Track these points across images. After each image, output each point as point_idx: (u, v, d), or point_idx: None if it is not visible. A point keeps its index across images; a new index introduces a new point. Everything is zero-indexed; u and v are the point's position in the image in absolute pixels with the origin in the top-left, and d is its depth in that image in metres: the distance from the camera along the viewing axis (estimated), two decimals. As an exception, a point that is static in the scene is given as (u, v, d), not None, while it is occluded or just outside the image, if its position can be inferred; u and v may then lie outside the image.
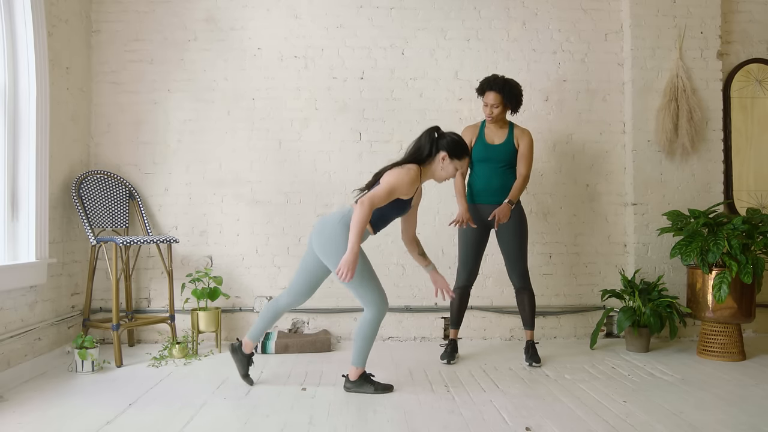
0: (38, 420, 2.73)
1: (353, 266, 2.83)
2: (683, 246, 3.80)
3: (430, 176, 3.12)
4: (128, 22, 4.35)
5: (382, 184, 2.95)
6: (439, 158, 3.05)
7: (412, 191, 3.02)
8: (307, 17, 4.43)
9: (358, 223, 2.84)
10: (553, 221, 4.49)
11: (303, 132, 4.42)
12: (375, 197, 2.90)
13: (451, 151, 3.05)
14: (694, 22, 4.42)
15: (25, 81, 3.48)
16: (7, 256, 3.43)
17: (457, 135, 3.12)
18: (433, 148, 3.05)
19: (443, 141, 3.05)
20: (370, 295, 3.03)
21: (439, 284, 3.26)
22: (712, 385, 3.25)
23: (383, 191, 2.92)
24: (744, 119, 4.53)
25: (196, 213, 4.37)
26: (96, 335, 4.05)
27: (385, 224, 3.12)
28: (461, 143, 3.08)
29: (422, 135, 3.10)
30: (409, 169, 2.99)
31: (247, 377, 3.27)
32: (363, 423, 2.71)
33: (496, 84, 3.66)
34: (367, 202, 2.87)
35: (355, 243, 2.84)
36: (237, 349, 3.26)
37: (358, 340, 3.10)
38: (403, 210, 3.09)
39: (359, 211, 2.85)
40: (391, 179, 2.95)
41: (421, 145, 3.07)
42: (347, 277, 2.82)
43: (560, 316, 4.47)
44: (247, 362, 3.26)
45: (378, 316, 3.06)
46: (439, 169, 3.08)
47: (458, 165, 3.08)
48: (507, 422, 2.70)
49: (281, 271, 4.38)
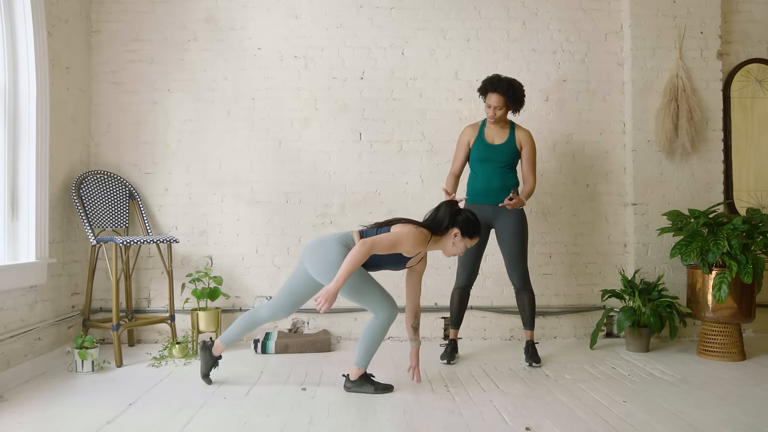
0: (38, 420, 2.73)
1: (332, 299, 2.85)
2: (683, 246, 3.80)
3: (439, 247, 3.15)
4: (128, 22, 4.35)
5: (391, 233, 2.99)
6: (451, 234, 3.09)
7: (415, 252, 3.04)
8: (307, 17, 4.43)
9: (353, 262, 2.87)
10: (553, 221, 4.49)
11: (303, 132, 4.42)
12: (377, 243, 2.92)
13: (464, 230, 3.09)
14: (694, 22, 4.42)
15: (25, 81, 3.48)
16: (7, 256, 3.43)
17: (473, 214, 3.15)
18: (450, 223, 3.09)
19: (459, 218, 3.10)
20: (376, 302, 3.06)
21: (413, 363, 3.30)
22: (712, 385, 3.25)
23: (389, 240, 2.95)
24: (744, 119, 4.53)
25: (196, 213, 4.37)
26: (96, 335, 4.06)
27: (374, 269, 3.14)
28: (475, 223, 3.13)
29: (441, 207, 3.14)
30: (421, 232, 3.03)
31: (206, 377, 3.27)
32: (363, 423, 2.71)
33: (500, 86, 3.62)
34: (369, 244, 2.90)
35: (342, 278, 2.86)
36: (208, 347, 3.27)
37: (366, 341, 3.11)
38: (398, 265, 3.12)
39: (358, 249, 2.87)
40: (400, 232, 2.98)
41: (440, 217, 3.10)
42: (323, 308, 2.83)
43: (560, 316, 4.47)
44: (212, 363, 3.27)
45: (389, 319, 3.09)
46: (450, 245, 3.12)
47: (468, 243, 3.14)
48: (507, 422, 2.70)
49: (281, 271, 4.37)
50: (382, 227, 3.09)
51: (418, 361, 3.31)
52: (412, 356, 3.31)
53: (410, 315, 3.28)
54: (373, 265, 3.09)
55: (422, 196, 4.41)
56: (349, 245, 3.02)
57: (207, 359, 3.27)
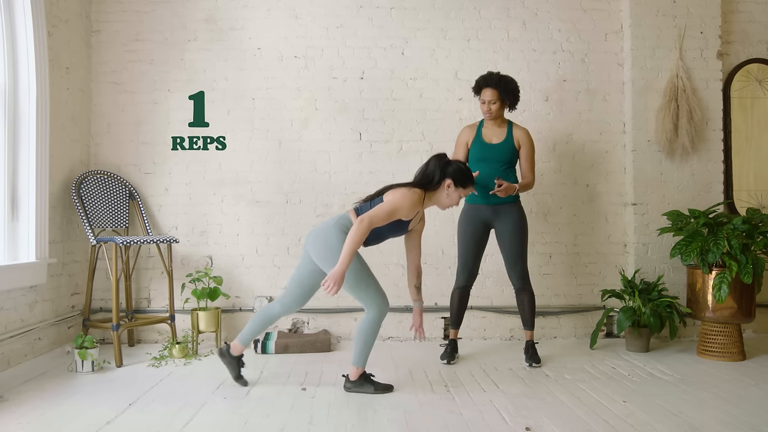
0: (38, 420, 2.73)
1: (340, 281, 2.84)
2: (683, 246, 3.80)
3: (434, 202, 3.15)
4: (128, 22, 4.35)
5: (385, 202, 2.97)
6: (444, 185, 3.09)
7: (413, 214, 3.03)
8: (307, 17, 4.43)
9: (354, 241, 2.85)
10: (553, 221, 4.49)
11: (303, 132, 4.42)
12: (375, 216, 2.91)
13: (456, 180, 3.09)
14: (694, 22, 4.42)
15: (25, 81, 3.48)
16: (7, 256, 3.43)
17: (464, 164, 3.16)
18: (441, 175, 3.08)
19: (450, 169, 3.09)
20: (370, 297, 3.05)
21: (416, 323, 3.30)
22: (712, 385, 3.25)
23: (384, 211, 2.94)
24: (744, 119, 4.53)
25: (196, 213, 4.37)
26: (96, 335, 4.06)
27: (378, 242, 3.13)
28: (467, 172, 3.12)
29: (430, 161, 3.13)
30: (413, 192, 3.02)
31: (239, 379, 3.26)
32: (363, 423, 2.71)
33: (491, 80, 3.68)
34: (366, 220, 2.88)
35: (346, 259, 2.85)
36: (225, 352, 3.25)
37: (360, 340, 3.10)
38: (400, 231, 3.11)
39: (357, 228, 2.86)
40: (394, 199, 2.97)
41: (429, 171, 3.10)
42: (332, 291, 2.82)
43: (560, 316, 4.47)
44: (237, 364, 3.26)
45: (379, 316, 3.07)
46: (444, 197, 3.12)
47: (462, 193, 3.13)
48: (507, 422, 2.70)
49: (281, 271, 4.38)
50: (375, 198, 3.07)
51: (421, 320, 3.31)
52: (415, 316, 3.30)
53: (412, 275, 3.28)
54: (375, 238, 3.07)
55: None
56: (348, 227, 3.00)
57: (231, 363, 3.24)
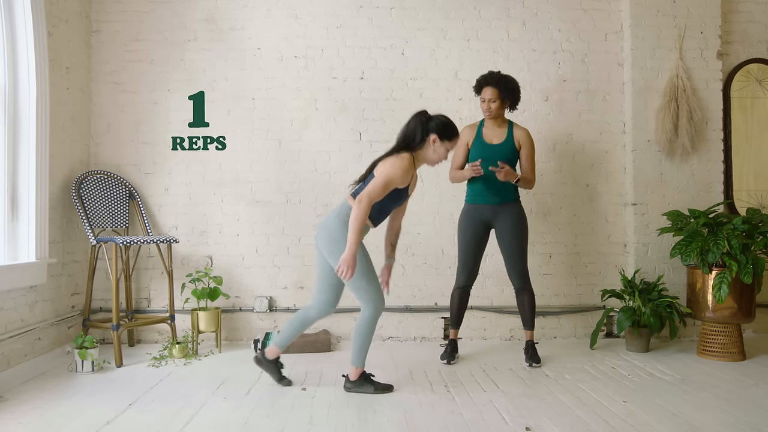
0: (38, 420, 2.73)
1: (353, 264, 2.84)
2: (683, 246, 3.80)
3: (423, 161, 3.12)
4: (128, 22, 4.35)
5: (378, 176, 2.95)
6: (429, 141, 3.05)
7: (408, 179, 3.02)
8: (307, 17, 4.43)
9: (357, 221, 2.85)
10: (553, 221, 4.49)
11: (303, 132, 4.42)
12: (372, 192, 2.90)
13: (441, 133, 3.05)
14: (694, 22, 4.42)
15: (25, 81, 3.48)
16: (7, 256, 3.43)
17: (445, 116, 3.11)
18: (423, 133, 3.05)
19: (432, 124, 3.05)
20: (368, 292, 3.04)
21: (384, 278, 3.31)
22: (712, 385, 3.25)
23: (379, 184, 2.92)
24: (744, 119, 4.53)
25: (196, 213, 4.37)
26: (96, 335, 4.06)
27: (384, 216, 3.11)
28: (450, 124, 3.09)
29: (411, 120, 3.09)
30: (402, 158, 2.99)
31: (283, 380, 3.25)
32: (363, 423, 2.71)
33: (492, 79, 3.69)
34: (365, 199, 2.88)
35: (354, 241, 2.84)
36: (262, 359, 3.23)
37: (357, 339, 3.10)
38: (400, 199, 3.09)
39: (357, 209, 2.86)
40: (386, 170, 2.95)
41: (410, 130, 3.06)
42: (347, 275, 2.83)
43: (560, 316, 4.47)
44: (276, 367, 3.24)
45: (374, 314, 3.06)
46: (431, 153, 3.08)
47: (449, 146, 3.09)
48: (507, 422, 2.70)
49: (281, 271, 4.38)
50: (367, 177, 3.05)
51: (389, 276, 3.34)
52: (384, 271, 3.32)
53: (391, 232, 3.31)
54: (379, 214, 3.06)
55: (422, 196, 4.41)
56: (348, 216, 2.99)
57: (269, 367, 3.23)
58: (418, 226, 4.41)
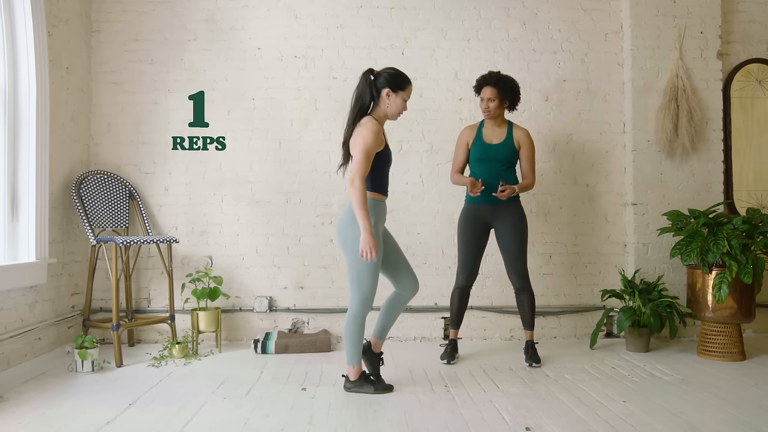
0: (38, 420, 2.73)
1: (372, 243, 2.86)
2: (683, 246, 3.80)
3: (384, 118, 3.11)
4: (128, 22, 4.35)
5: (355, 152, 2.96)
6: (384, 96, 3.05)
7: (383, 140, 3.03)
8: (307, 17, 4.43)
9: (358, 201, 2.87)
10: (553, 221, 4.49)
11: (303, 132, 4.42)
12: (358, 168, 2.92)
13: (392, 85, 3.04)
14: (694, 22, 4.42)
15: (25, 81, 3.48)
16: (7, 256, 3.43)
17: (392, 68, 3.10)
18: (373, 91, 3.05)
19: (381, 79, 3.04)
20: (361, 286, 3.02)
21: None
22: (712, 385, 3.25)
23: (361, 158, 2.93)
24: (744, 119, 4.52)
25: (196, 213, 4.37)
26: (96, 335, 4.06)
27: (386, 182, 3.12)
28: (399, 74, 3.07)
29: (359, 83, 3.08)
30: (366, 125, 2.99)
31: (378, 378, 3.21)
32: (363, 423, 2.71)
33: (491, 78, 3.71)
34: (356, 178, 2.90)
35: (364, 222, 2.86)
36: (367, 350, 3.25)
37: (347, 339, 3.10)
38: (389, 158, 3.11)
39: (352, 190, 2.90)
40: (359, 142, 2.95)
41: (360, 92, 3.06)
42: (372, 257, 2.86)
43: (560, 316, 4.47)
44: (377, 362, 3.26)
45: (360, 311, 3.05)
46: (388, 107, 3.07)
47: (404, 95, 3.08)
48: (507, 422, 2.70)
49: (281, 271, 4.38)
50: (348, 158, 3.07)
51: None
52: None
53: None
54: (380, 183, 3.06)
55: (422, 196, 4.41)
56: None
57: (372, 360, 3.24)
58: (418, 226, 4.41)
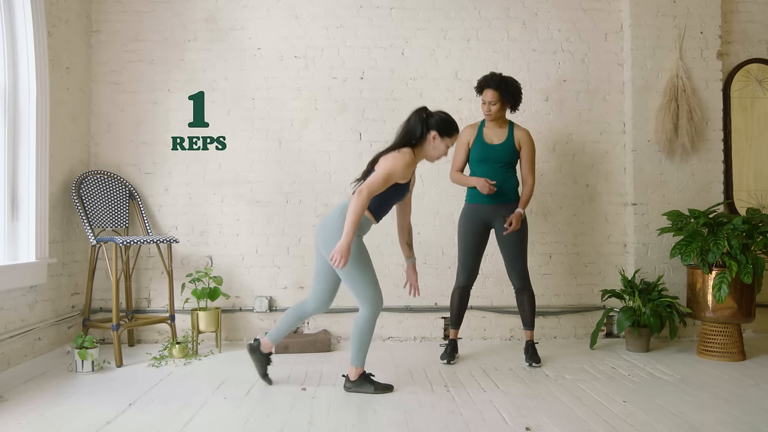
0: (38, 420, 2.73)
1: (346, 253, 2.85)
2: (683, 246, 3.80)
3: (422, 157, 3.14)
4: (128, 22, 4.35)
5: (378, 170, 2.96)
6: (429, 138, 3.07)
7: (409, 175, 3.03)
8: (307, 17, 4.43)
9: (355, 212, 2.86)
10: (553, 221, 4.49)
11: (303, 132, 4.42)
12: (372, 185, 2.92)
13: (441, 130, 3.07)
14: (694, 22, 4.42)
15: (25, 81, 3.48)
16: (7, 256, 3.43)
17: (445, 113, 3.13)
18: (424, 129, 3.06)
19: (432, 120, 3.07)
20: (366, 291, 3.03)
21: (411, 279, 3.31)
22: (712, 385, 3.25)
23: (380, 178, 2.93)
24: (744, 119, 4.52)
25: (196, 213, 4.37)
26: (96, 335, 4.06)
27: (386, 211, 3.12)
28: (450, 120, 3.10)
29: (411, 116, 3.10)
30: (404, 153, 3.00)
31: (266, 377, 3.27)
32: (363, 423, 2.71)
33: (493, 81, 3.68)
34: (365, 191, 2.89)
35: (350, 231, 2.86)
36: (255, 348, 3.26)
37: (355, 339, 3.10)
38: (402, 194, 3.10)
39: (356, 200, 2.88)
40: (387, 165, 2.96)
41: (411, 126, 3.08)
42: (340, 264, 2.84)
43: (560, 316, 4.47)
44: (265, 362, 3.26)
45: (372, 314, 3.06)
46: (430, 149, 3.10)
47: (449, 143, 3.11)
48: (507, 422, 2.70)
49: (281, 271, 4.38)
50: (369, 172, 3.06)
51: (416, 276, 3.32)
52: (409, 273, 3.32)
53: (403, 233, 3.31)
54: (381, 208, 3.07)
55: (422, 196, 4.41)
56: None
57: (260, 359, 3.25)
58: (418, 226, 4.40)
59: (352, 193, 3.05)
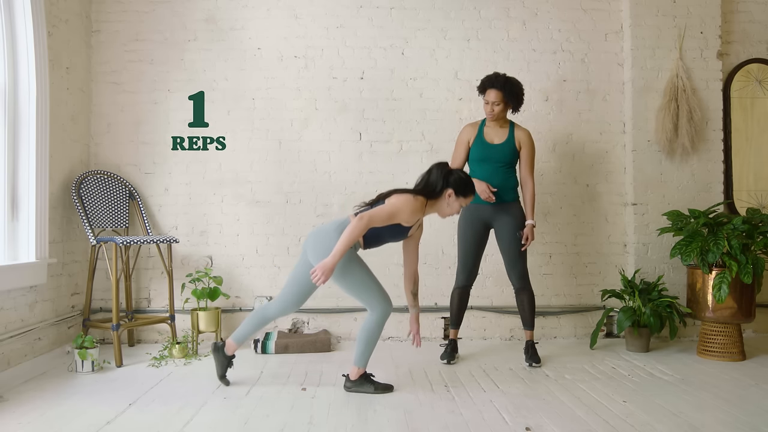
0: (38, 420, 2.73)
1: (329, 272, 2.84)
2: (683, 246, 3.80)
3: (435, 210, 3.15)
4: (128, 22, 4.35)
5: (387, 204, 2.98)
6: (446, 195, 3.09)
7: (413, 220, 3.04)
8: (307, 17, 4.43)
9: (350, 235, 2.86)
10: (553, 221, 4.49)
11: (303, 132, 4.42)
12: (375, 215, 2.92)
13: (458, 189, 3.08)
14: (694, 22, 4.42)
15: (25, 81, 3.48)
16: (7, 256, 3.43)
17: (465, 173, 3.15)
18: (444, 184, 3.08)
19: (451, 178, 3.08)
20: (374, 298, 3.06)
21: (413, 329, 3.30)
22: (712, 385, 3.25)
23: (385, 212, 2.95)
24: (744, 119, 4.53)
25: (196, 213, 4.37)
26: (96, 335, 4.06)
27: (377, 244, 3.13)
28: (468, 182, 3.12)
29: (433, 170, 3.12)
30: (416, 199, 3.02)
31: (223, 378, 3.27)
32: (363, 423, 2.71)
33: (497, 81, 3.66)
34: (366, 218, 2.90)
35: (339, 251, 2.85)
36: (219, 348, 3.25)
37: (362, 340, 3.11)
38: (399, 236, 3.11)
39: (356, 223, 2.88)
40: (397, 203, 2.97)
41: (433, 180, 3.09)
42: (320, 281, 2.83)
43: (560, 316, 4.47)
44: (226, 363, 3.26)
45: (383, 317, 3.09)
46: (445, 206, 3.12)
47: (463, 202, 3.13)
48: (507, 422, 2.70)
49: (281, 271, 4.38)
50: (377, 202, 3.06)
51: (418, 327, 3.31)
52: (412, 322, 3.30)
53: (409, 282, 3.29)
54: (374, 240, 3.08)
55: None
56: None
57: (221, 360, 3.25)
58: (418, 226, 4.41)
59: (354, 214, 3.06)
